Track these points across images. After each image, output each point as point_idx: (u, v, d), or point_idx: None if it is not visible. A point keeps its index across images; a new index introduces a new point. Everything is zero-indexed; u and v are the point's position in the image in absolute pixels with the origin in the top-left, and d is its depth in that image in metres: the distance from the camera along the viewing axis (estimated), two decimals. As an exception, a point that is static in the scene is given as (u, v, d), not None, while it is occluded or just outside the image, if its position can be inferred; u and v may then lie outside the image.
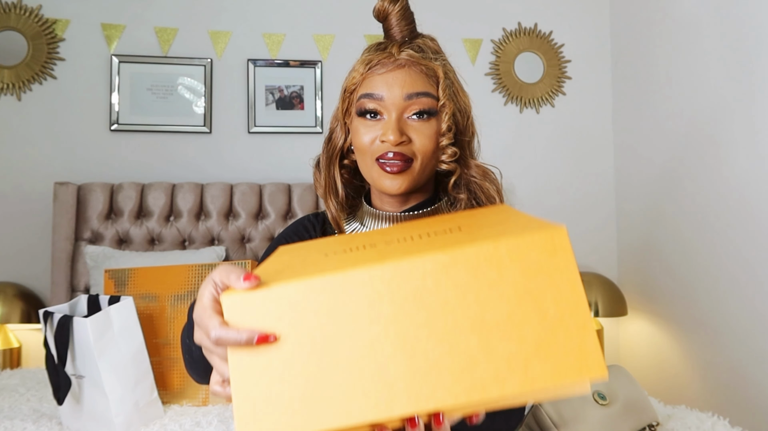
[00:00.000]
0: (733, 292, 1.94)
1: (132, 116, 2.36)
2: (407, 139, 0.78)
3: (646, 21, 2.43)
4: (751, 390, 1.87)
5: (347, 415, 0.47)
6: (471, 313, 0.48)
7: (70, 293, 2.10)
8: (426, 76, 0.80)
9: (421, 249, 0.50)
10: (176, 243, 2.21)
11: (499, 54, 2.63)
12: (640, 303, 2.48)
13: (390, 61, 0.80)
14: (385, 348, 0.48)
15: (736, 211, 1.94)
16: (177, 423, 1.30)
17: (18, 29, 2.28)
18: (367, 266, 0.49)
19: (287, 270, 0.53)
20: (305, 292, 0.49)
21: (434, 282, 0.48)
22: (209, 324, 0.50)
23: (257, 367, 0.49)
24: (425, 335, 0.48)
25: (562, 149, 2.66)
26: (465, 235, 0.53)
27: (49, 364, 1.32)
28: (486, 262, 0.48)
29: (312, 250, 0.60)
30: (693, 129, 2.14)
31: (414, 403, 0.47)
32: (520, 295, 0.48)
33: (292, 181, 2.40)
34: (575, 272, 0.48)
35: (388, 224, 0.87)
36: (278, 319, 0.49)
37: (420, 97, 0.79)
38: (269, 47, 2.47)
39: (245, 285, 0.49)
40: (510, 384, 0.47)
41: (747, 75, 1.89)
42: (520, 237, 0.48)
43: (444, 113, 0.80)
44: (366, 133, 0.80)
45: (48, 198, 2.23)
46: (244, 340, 0.47)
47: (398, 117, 0.78)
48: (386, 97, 0.78)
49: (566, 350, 0.47)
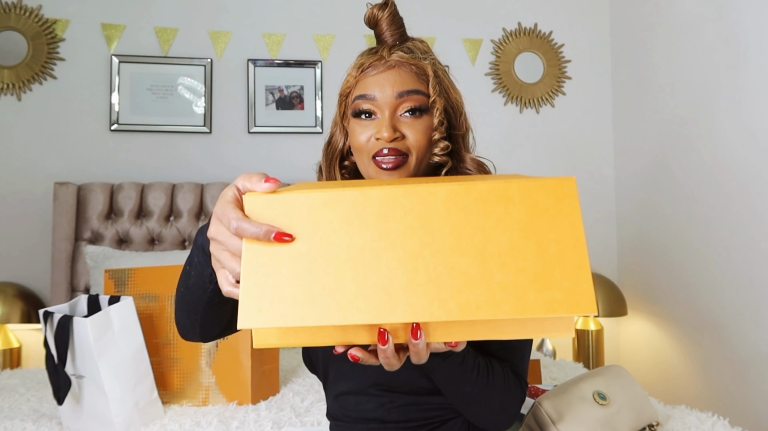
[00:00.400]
0: (733, 293, 1.94)
1: (132, 116, 2.36)
2: (401, 135, 0.81)
3: (646, 21, 2.43)
4: (751, 390, 1.87)
5: (345, 315, 0.50)
6: (475, 240, 0.51)
7: (70, 293, 2.10)
8: (416, 74, 0.84)
9: (437, 182, 0.55)
10: (176, 243, 2.21)
11: (499, 54, 2.63)
12: (640, 303, 2.48)
13: (381, 63, 0.83)
14: (390, 261, 0.51)
15: (736, 212, 1.94)
16: (177, 423, 1.30)
17: (18, 29, 2.28)
18: (384, 186, 0.53)
19: (307, 188, 0.57)
20: (323, 201, 0.53)
21: (445, 208, 0.52)
22: (231, 215, 0.53)
23: (268, 262, 0.52)
24: (429, 253, 0.51)
25: (561, 149, 2.66)
26: (478, 179, 0.57)
27: (49, 364, 1.31)
28: (496, 197, 0.52)
29: (330, 183, 0.65)
30: (693, 129, 2.14)
31: (410, 313, 0.50)
32: (524, 230, 0.51)
33: (292, 180, 2.40)
34: (578, 217, 0.51)
35: None
36: (295, 221, 0.52)
37: (411, 94, 0.82)
38: (269, 47, 2.47)
39: (265, 187, 0.53)
40: (502, 308, 0.49)
41: (746, 75, 1.89)
42: (530, 180, 0.52)
43: (435, 109, 0.83)
44: (362, 133, 0.83)
45: (48, 198, 2.23)
46: (263, 234, 0.51)
47: (391, 114, 0.81)
48: (379, 96, 0.82)
49: (561, 285, 0.50)
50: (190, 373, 1.45)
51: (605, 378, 1.09)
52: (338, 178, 0.90)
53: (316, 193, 0.53)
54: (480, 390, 0.76)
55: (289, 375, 1.67)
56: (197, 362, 1.45)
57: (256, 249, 0.52)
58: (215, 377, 1.45)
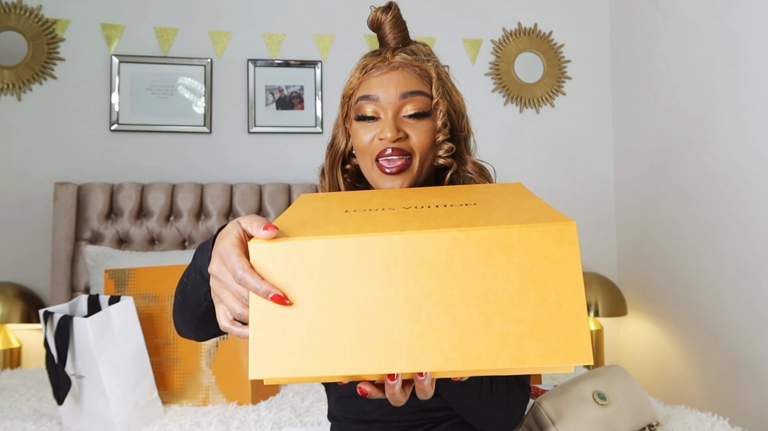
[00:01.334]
0: (733, 292, 1.94)
1: (132, 116, 2.36)
2: (404, 135, 0.81)
3: (646, 21, 2.43)
4: (751, 390, 1.87)
5: (351, 367, 0.51)
6: (476, 289, 0.51)
7: (70, 293, 2.10)
8: (419, 76, 0.84)
9: (438, 223, 0.54)
10: (176, 243, 2.21)
11: (499, 54, 2.63)
12: (640, 303, 2.48)
13: (384, 64, 0.83)
14: (393, 310, 0.52)
15: (735, 212, 1.94)
16: (177, 423, 1.30)
17: (18, 29, 2.28)
18: (386, 233, 0.53)
19: (310, 223, 0.58)
20: (326, 249, 0.53)
21: (447, 257, 0.52)
22: (236, 264, 0.54)
23: (275, 313, 0.53)
24: (431, 303, 0.52)
25: (561, 149, 2.66)
26: (480, 213, 0.57)
27: (49, 364, 1.32)
28: (497, 245, 0.52)
29: (333, 203, 0.65)
30: (693, 129, 2.14)
31: (412, 364, 0.51)
32: (524, 278, 0.51)
33: (292, 181, 2.40)
34: (578, 265, 0.51)
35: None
36: (298, 272, 0.53)
37: (414, 95, 0.82)
38: (269, 47, 2.47)
39: (264, 234, 0.53)
40: (502, 358, 0.50)
41: (746, 75, 1.89)
42: (532, 226, 0.52)
43: (438, 110, 0.83)
44: (365, 134, 0.82)
45: (48, 198, 2.23)
46: (262, 292, 0.52)
47: (395, 115, 0.81)
48: (382, 97, 0.82)
49: (559, 335, 0.50)
50: (190, 373, 1.45)
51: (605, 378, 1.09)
52: (341, 182, 0.90)
53: (318, 241, 0.53)
54: (484, 401, 0.78)
55: (289, 375, 1.67)
56: (197, 362, 1.45)
57: (262, 301, 0.53)
58: (215, 377, 1.45)
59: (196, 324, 0.73)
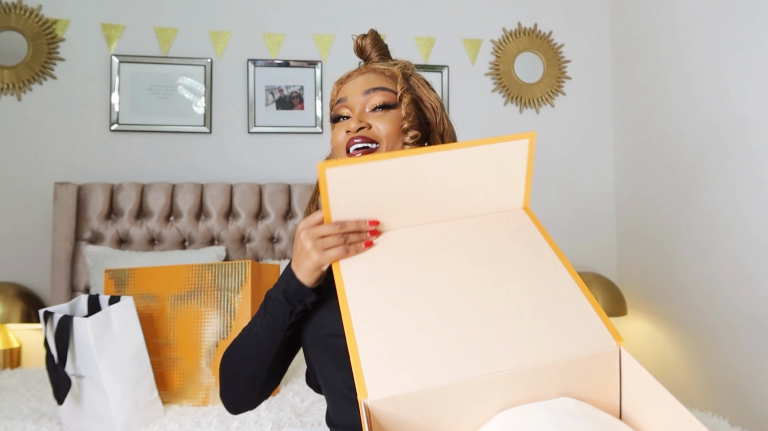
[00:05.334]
0: (733, 292, 1.94)
1: (132, 116, 2.36)
2: (367, 125, 0.88)
3: (646, 21, 2.43)
4: (751, 390, 1.87)
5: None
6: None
7: (70, 293, 2.10)
8: (384, 76, 0.92)
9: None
10: (176, 243, 2.21)
11: (499, 54, 2.63)
12: (640, 303, 2.48)
13: (357, 72, 0.94)
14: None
15: (735, 212, 1.94)
16: (177, 423, 1.30)
17: (18, 29, 2.28)
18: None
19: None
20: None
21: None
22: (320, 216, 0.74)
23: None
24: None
25: (561, 149, 2.66)
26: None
27: (49, 364, 1.32)
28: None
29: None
30: (692, 128, 2.14)
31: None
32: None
33: (292, 181, 2.40)
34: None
35: None
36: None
37: (377, 90, 0.90)
38: (269, 47, 2.47)
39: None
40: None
41: (746, 74, 1.89)
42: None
43: (403, 102, 0.90)
44: (339, 132, 0.90)
45: (48, 198, 2.23)
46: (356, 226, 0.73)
47: (360, 110, 0.90)
48: (349, 97, 0.91)
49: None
50: (190, 373, 1.45)
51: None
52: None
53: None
54: None
55: (289, 375, 1.67)
56: (197, 362, 1.45)
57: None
58: (215, 377, 1.45)
59: (266, 372, 0.85)
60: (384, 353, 0.60)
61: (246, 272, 1.45)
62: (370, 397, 0.55)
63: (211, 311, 1.45)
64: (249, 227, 2.26)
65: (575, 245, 2.63)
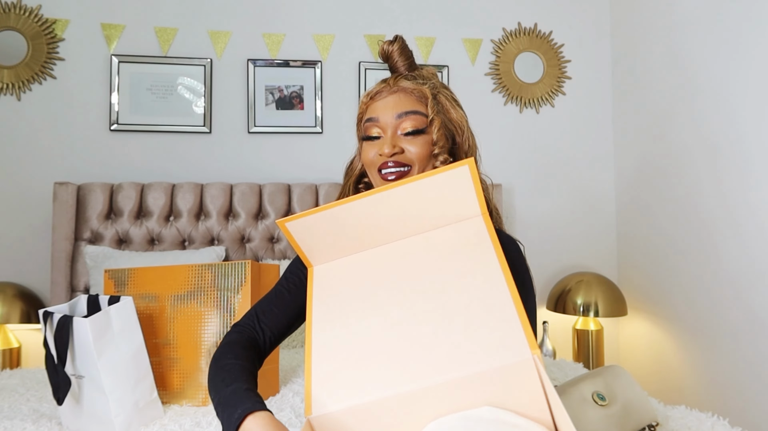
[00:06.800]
0: (733, 292, 1.94)
1: (132, 116, 2.36)
2: (400, 150, 0.93)
3: (646, 21, 2.43)
4: (751, 390, 1.87)
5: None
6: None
7: (69, 293, 2.10)
8: (416, 97, 0.95)
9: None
10: (176, 243, 2.21)
11: (499, 54, 2.63)
12: (640, 303, 2.48)
13: (386, 90, 0.97)
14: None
15: (735, 212, 1.94)
16: (177, 423, 1.30)
17: (18, 29, 2.28)
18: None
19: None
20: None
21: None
22: None
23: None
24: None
25: (561, 149, 2.66)
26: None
27: (48, 364, 1.31)
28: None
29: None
30: (692, 128, 2.14)
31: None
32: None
33: (292, 181, 2.40)
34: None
35: None
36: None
37: (409, 114, 0.94)
38: (269, 47, 2.47)
39: None
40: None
41: (746, 75, 1.89)
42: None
43: (434, 126, 0.94)
44: (370, 151, 0.96)
45: (48, 198, 2.23)
46: None
47: (393, 134, 0.94)
48: (381, 118, 0.95)
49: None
50: (190, 373, 1.45)
51: (605, 378, 1.09)
52: (352, 193, 1.04)
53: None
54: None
55: (289, 375, 1.67)
56: (197, 362, 1.45)
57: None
58: (215, 377, 1.44)
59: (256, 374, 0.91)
60: (332, 372, 0.65)
61: (246, 272, 1.44)
62: (313, 413, 0.60)
63: (210, 311, 1.45)
64: (249, 227, 2.26)
65: (575, 245, 2.63)
